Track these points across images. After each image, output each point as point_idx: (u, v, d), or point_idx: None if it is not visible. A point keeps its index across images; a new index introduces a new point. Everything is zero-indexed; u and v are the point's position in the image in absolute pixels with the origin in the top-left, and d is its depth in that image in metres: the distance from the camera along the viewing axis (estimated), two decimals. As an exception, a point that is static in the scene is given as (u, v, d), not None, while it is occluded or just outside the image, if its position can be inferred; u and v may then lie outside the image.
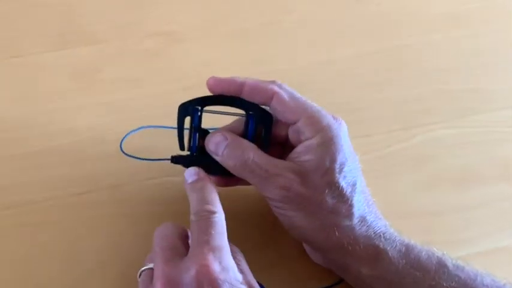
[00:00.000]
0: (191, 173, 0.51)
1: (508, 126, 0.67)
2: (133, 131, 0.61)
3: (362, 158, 0.61)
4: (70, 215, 0.57)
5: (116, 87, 0.66)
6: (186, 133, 0.54)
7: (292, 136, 0.53)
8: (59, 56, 0.67)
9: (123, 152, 0.60)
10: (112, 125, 0.63)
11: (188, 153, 0.54)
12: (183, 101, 0.53)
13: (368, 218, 0.51)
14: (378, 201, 0.53)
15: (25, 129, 0.62)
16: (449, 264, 0.50)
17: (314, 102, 0.53)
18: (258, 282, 0.54)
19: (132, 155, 0.60)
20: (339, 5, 0.76)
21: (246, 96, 0.53)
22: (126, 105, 0.64)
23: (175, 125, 0.53)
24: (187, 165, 0.53)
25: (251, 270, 0.54)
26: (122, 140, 0.61)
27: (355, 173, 0.51)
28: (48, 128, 0.62)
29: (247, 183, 0.53)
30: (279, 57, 0.70)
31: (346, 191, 0.50)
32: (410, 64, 0.71)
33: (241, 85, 0.52)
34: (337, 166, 0.50)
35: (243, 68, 0.69)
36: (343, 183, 0.50)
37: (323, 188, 0.50)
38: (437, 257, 0.50)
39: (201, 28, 0.72)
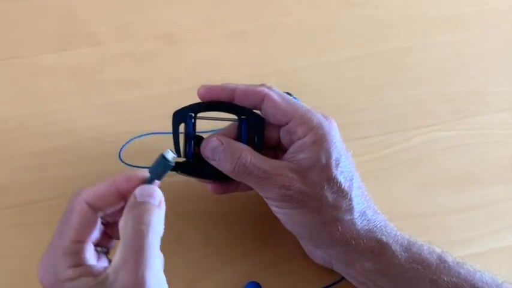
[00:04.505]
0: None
1: (504, 129, 0.68)
2: (131, 140, 0.62)
3: (360, 159, 0.62)
4: (69, 215, 0.57)
5: (116, 88, 0.66)
6: (182, 140, 0.54)
7: (284, 138, 0.53)
8: (59, 57, 0.68)
9: (121, 161, 0.60)
10: (112, 126, 0.63)
11: (184, 159, 0.54)
12: (182, 102, 0.54)
13: (367, 212, 0.51)
14: (376, 202, 0.54)
15: (25, 130, 0.62)
16: (450, 260, 0.51)
17: (313, 104, 0.54)
18: (255, 282, 0.55)
19: (130, 163, 0.60)
20: (337, 7, 0.76)
21: (237, 101, 0.53)
22: (125, 107, 0.65)
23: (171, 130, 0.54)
24: (184, 172, 0.54)
25: (251, 270, 0.54)
26: (121, 150, 0.61)
27: (350, 168, 0.52)
28: (48, 129, 0.62)
29: (246, 189, 0.54)
30: (277, 59, 0.71)
31: (344, 186, 0.50)
32: (407, 66, 0.72)
33: (232, 91, 0.53)
34: (333, 162, 0.51)
35: (241, 69, 0.69)
36: (341, 178, 0.51)
37: (322, 183, 0.50)
38: (438, 253, 0.51)
39: (200, 30, 0.72)
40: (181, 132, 0.54)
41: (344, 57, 0.71)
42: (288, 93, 0.63)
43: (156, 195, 0.45)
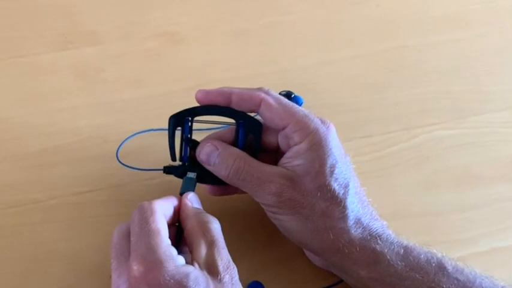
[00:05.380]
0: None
1: (507, 127, 0.67)
2: (128, 138, 0.62)
3: (363, 158, 0.62)
4: (71, 214, 0.57)
5: (118, 87, 0.66)
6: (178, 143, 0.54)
7: (282, 142, 0.53)
8: (61, 56, 0.68)
9: (119, 161, 0.60)
10: (114, 125, 0.63)
11: (180, 163, 0.55)
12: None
13: (363, 219, 0.51)
14: (378, 202, 0.53)
15: (27, 129, 0.62)
16: (449, 266, 0.50)
17: (316, 103, 0.54)
18: (258, 282, 0.55)
19: (126, 164, 0.60)
20: (339, 6, 0.76)
21: (234, 105, 0.53)
22: (127, 105, 0.65)
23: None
24: (179, 176, 0.54)
25: (251, 271, 0.54)
26: (118, 149, 0.61)
27: (347, 174, 0.51)
28: (50, 128, 0.62)
29: (244, 192, 0.54)
30: (279, 58, 0.70)
31: (338, 193, 0.50)
32: (410, 65, 0.71)
33: (229, 95, 0.53)
34: (327, 169, 0.50)
35: (244, 68, 0.69)
36: (334, 185, 0.50)
37: (314, 191, 0.50)
38: (437, 259, 0.50)
39: (202, 29, 0.72)
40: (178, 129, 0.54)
41: (347, 56, 0.71)
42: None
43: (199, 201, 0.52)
